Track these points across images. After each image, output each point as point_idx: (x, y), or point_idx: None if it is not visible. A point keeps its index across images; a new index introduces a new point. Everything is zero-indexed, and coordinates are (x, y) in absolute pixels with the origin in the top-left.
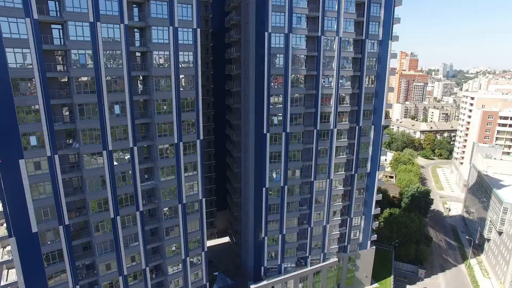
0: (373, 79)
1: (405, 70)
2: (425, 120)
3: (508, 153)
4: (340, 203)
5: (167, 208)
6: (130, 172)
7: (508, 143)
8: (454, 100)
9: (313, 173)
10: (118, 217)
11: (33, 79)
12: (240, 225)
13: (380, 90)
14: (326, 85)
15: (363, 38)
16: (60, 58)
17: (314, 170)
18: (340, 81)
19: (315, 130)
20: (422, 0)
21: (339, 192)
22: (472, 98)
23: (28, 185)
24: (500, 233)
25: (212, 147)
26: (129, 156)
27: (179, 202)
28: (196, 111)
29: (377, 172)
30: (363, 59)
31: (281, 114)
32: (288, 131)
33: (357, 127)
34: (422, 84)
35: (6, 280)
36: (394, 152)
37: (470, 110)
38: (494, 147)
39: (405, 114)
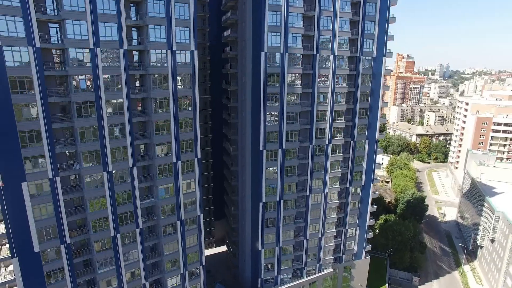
0: (368, 94)
1: (401, 72)
2: (421, 123)
3: (502, 159)
4: (335, 216)
5: (166, 225)
6: (130, 191)
7: (501, 148)
8: (450, 102)
9: (308, 187)
10: (118, 235)
11: (35, 104)
12: (237, 236)
13: (374, 105)
14: (321, 102)
15: (358, 55)
16: (60, 83)
17: (309, 185)
18: (335, 97)
19: (310, 146)
20: (421, 0)
21: (334, 205)
22: (467, 104)
23: (30, 207)
24: (492, 240)
25: (209, 158)
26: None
27: (177, 219)
28: (194, 130)
29: (371, 184)
30: (357, 76)
31: (277, 131)
32: (284, 147)
33: (351, 141)
34: (419, 86)
35: None
36: (391, 155)
37: (465, 116)
38: (487, 154)
39: (401, 117)
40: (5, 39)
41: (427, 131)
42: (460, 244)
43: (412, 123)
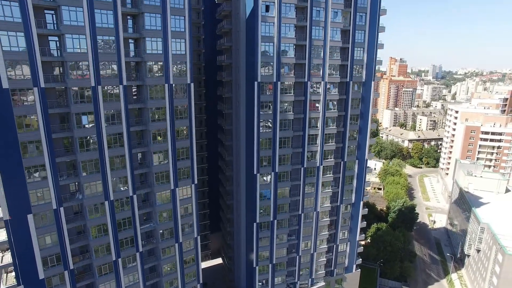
0: (357, 117)
1: (394, 76)
2: (413, 127)
3: (490, 166)
4: (327, 232)
5: (165, 247)
6: (130, 217)
7: (489, 156)
8: (442, 105)
9: (300, 207)
10: (119, 259)
11: (40, 141)
12: (232, 252)
13: (363, 127)
14: (312, 126)
15: (347, 80)
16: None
17: (301, 204)
18: (326, 122)
19: (302, 168)
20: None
21: (325, 223)
22: (457, 112)
23: (35, 237)
24: (478, 250)
25: (205, 175)
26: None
27: (176, 241)
28: (190, 158)
29: (361, 202)
30: (347, 100)
31: (270, 156)
32: (277, 171)
33: (342, 162)
34: (411, 89)
35: None
36: (384, 160)
37: (455, 123)
38: (475, 163)
39: (394, 121)
40: (13, 81)
41: (419, 136)
42: (448, 254)
43: (404, 127)
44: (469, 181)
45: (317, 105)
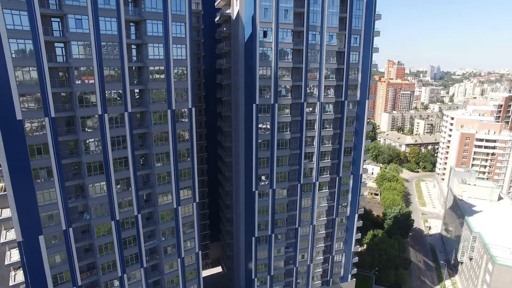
0: (352, 134)
1: (392, 79)
2: (411, 130)
3: (484, 173)
4: (323, 244)
5: (168, 263)
6: (135, 235)
7: (483, 163)
8: (439, 107)
9: (297, 220)
10: (125, 275)
11: (51, 167)
12: (232, 263)
13: (358, 144)
14: (309, 145)
15: (342, 99)
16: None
17: (298, 218)
18: (322, 140)
19: (299, 184)
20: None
21: (321, 235)
22: (452, 118)
23: (46, 256)
24: (470, 258)
25: (205, 186)
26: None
27: (178, 257)
28: (192, 178)
29: (356, 215)
30: (342, 119)
31: (268, 174)
32: (274, 188)
33: (337, 178)
34: (409, 92)
35: None
36: (381, 165)
37: (450, 130)
38: (469, 171)
39: (392, 124)
40: (25, 112)
41: (416, 140)
42: (441, 262)
43: (402, 131)
44: (463, 189)
45: (314, 128)
